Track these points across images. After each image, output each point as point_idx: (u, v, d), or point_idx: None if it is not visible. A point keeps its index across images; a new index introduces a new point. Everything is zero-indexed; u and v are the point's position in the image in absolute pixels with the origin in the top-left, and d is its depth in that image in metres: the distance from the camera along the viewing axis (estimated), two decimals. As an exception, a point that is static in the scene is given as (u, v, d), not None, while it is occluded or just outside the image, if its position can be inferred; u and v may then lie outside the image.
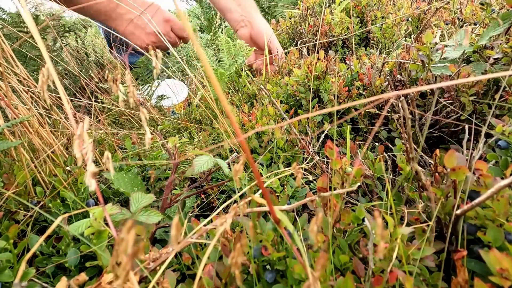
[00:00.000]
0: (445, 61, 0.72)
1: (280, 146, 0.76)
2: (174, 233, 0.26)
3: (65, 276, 0.34)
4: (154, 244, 0.54)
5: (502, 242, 0.35)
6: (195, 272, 0.45)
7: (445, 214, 0.40)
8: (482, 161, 0.39)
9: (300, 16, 1.53)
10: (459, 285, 0.34)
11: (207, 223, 0.40)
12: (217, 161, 0.48)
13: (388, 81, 0.72)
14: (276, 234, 0.40)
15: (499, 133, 0.49)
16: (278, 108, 0.66)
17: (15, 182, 0.57)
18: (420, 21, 1.28)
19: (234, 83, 1.27)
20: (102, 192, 0.66)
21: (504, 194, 0.36)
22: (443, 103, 0.70)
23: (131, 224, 0.23)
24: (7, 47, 0.60)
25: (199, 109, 1.10)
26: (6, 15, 1.19)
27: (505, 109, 0.66)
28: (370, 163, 0.58)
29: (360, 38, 1.49)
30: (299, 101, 0.95)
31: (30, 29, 0.29)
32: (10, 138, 0.61)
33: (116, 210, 0.40)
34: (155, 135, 0.83)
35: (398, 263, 0.37)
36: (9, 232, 0.45)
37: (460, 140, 0.73)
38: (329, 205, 0.41)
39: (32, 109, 0.64)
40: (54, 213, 0.56)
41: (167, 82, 1.29)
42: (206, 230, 0.38)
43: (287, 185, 0.63)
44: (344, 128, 0.82)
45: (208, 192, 0.71)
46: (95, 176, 0.27)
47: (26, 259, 0.30)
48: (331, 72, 0.94)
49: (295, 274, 0.36)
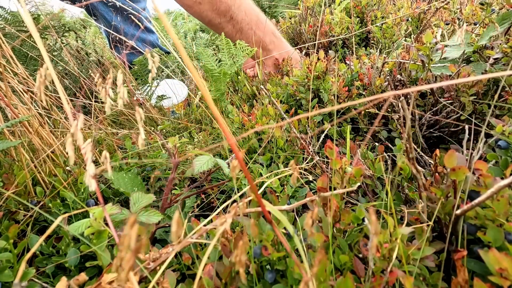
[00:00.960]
0: (445, 61, 0.72)
1: (280, 146, 0.76)
2: (174, 230, 0.26)
3: (65, 276, 0.34)
4: (154, 244, 0.54)
5: (502, 242, 0.35)
6: (195, 272, 0.45)
7: (445, 214, 0.40)
8: (482, 161, 0.39)
9: (300, 16, 1.53)
10: (459, 285, 0.34)
11: (207, 223, 0.40)
12: (217, 161, 0.48)
13: (388, 81, 0.72)
14: (276, 234, 0.40)
15: (499, 133, 0.49)
16: (278, 108, 0.66)
17: (15, 182, 0.57)
18: (420, 21, 1.28)
19: (234, 83, 1.27)
20: (102, 192, 0.66)
21: (504, 194, 0.36)
22: (443, 103, 0.70)
23: (133, 219, 0.23)
24: (7, 47, 0.60)
25: (199, 109, 1.10)
26: (7, 14, 1.18)
27: (505, 109, 0.66)
28: (370, 163, 0.58)
29: (360, 38, 1.49)
30: (299, 101, 0.95)
31: (29, 28, 0.29)
32: (10, 138, 0.61)
33: (116, 210, 0.40)
34: (155, 135, 0.83)
35: (398, 263, 0.37)
36: (9, 232, 0.45)
37: (460, 140, 0.73)
38: (329, 205, 0.41)
39: (32, 109, 0.64)
40: (54, 213, 0.56)
41: (167, 82, 1.29)
42: (206, 230, 0.38)
43: (287, 185, 0.63)
44: (344, 128, 0.82)
45: (208, 192, 0.71)
46: (95, 177, 0.27)
47: (26, 259, 0.30)
48: (331, 72, 0.94)
49: (295, 274, 0.36)
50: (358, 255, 0.41)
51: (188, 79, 1.49)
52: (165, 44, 1.87)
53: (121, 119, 1.09)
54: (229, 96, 1.17)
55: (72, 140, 0.28)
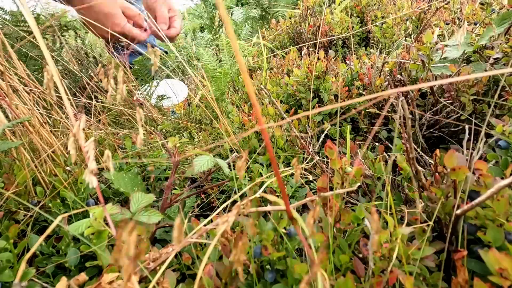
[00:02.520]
0: (445, 61, 0.72)
1: (280, 146, 0.76)
2: (176, 235, 0.26)
3: (65, 276, 0.34)
4: (154, 244, 0.54)
5: (502, 242, 0.35)
6: (195, 272, 0.45)
7: (445, 214, 0.40)
8: (482, 161, 0.39)
9: (300, 16, 1.53)
10: (459, 285, 0.34)
11: (207, 223, 0.40)
12: (217, 161, 0.48)
13: (388, 81, 0.72)
14: (276, 234, 0.40)
15: (499, 133, 0.49)
16: (278, 108, 0.66)
17: (15, 182, 0.57)
18: (420, 21, 1.28)
19: (234, 83, 1.27)
20: (102, 192, 0.66)
21: (504, 194, 0.36)
22: (443, 103, 0.70)
23: (133, 226, 0.23)
24: (9, 48, 0.60)
25: (199, 109, 1.10)
26: (7, 15, 1.18)
27: (505, 109, 0.66)
28: (370, 163, 0.58)
29: (360, 38, 1.49)
30: (299, 101, 0.95)
31: (32, 28, 0.29)
32: (11, 138, 0.61)
33: (116, 210, 0.40)
34: (155, 135, 0.83)
35: (398, 263, 0.37)
36: (9, 232, 0.45)
37: (460, 140, 0.73)
38: (329, 205, 0.41)
39: (32, 109, 0.64)
40: (54, 213, 0.56)
41: (167, 82, 1.29)
42: (206, 230, 0.38)
43: (287, 185, 0.63)
44: (344, 128, 0.82)
45: (208, 192, 0.71)
46: (95, 174, 0.27)
47: (26, 259, 0.30)
48: (331, 72, 0.94)
49: (295, 274, 0.36)
50: (358, 255, 0.41)
51: (188, 79, 1.49)
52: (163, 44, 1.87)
53: (121, 119, 1.09)
54: (229, 95, 1.17)
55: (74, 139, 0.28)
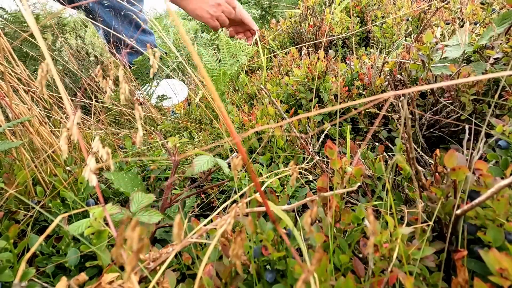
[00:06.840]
0: (445, 61, 0.72)
1: (280, 146, 0.76)
2: (176, 232, 0.26)
3: (65, 276, 0.34)
4: (154, 244, 0.54)
5: (502, 242, 0.35)
6: (195, 272, 0.45)
7: (445, 214, 0.40)
8: (482, 161, 0.39)
9: (300, 16, 1.53)
10: (459, 285, 0.34)
11: (207, 223, 0.40)
12: (217, 161, 0.48)
13: (388, 81, 0.72)
14: (276, 234, 0.40)
15: (499, 133, 0.49)
16: (278, 108, 0.66)
17: (16, 182, 0.57)
18: (420, 21, 1.28)
19: (234, 83, 1.27)
20: (102, 192, 0.66)
21: (504, 194, 0.36)
22: (443, 103, 0.70)
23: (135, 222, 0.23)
24: (8, 46, 0.60)
25: (199, 109, 1.10)
26: (7, 15, 1.18)
27: (505, 109, 0.66)
28: (370, 163, 0.58)
29: (360, 38, 1.49)
30: (299, 101, 0.95)
31: (31, 28, 0.29)
32: (11, 138, 0.61)
33: (116, 210, 0.40)
34: (155, 135, 0.83)
35: (398, 263, 0.37)
36: (9, 232, 0.45)
37: (460, 140, 0.73)
38: (329, 205, 0.41)
39: (32, 108, 0.64)
40: (54, 213, 0.56)
41: (167, 81, 1.29)
42: (206, 230, 0.38)
43: (287, 185, 0.63)
44: (344, 128, 0.82)
45: (208, 192, 0.71)
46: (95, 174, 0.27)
47: (26, 259, 0.30)
48: (331, 72, 0.94)
49: (295, 274, 0.36)
50: (358, 255, 0.41)
51: (188, 79, 1.49)
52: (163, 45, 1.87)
53: (121, 120, 1.09)
54: (229, 95, 1.17)
55: (67, 134, 0.28)
